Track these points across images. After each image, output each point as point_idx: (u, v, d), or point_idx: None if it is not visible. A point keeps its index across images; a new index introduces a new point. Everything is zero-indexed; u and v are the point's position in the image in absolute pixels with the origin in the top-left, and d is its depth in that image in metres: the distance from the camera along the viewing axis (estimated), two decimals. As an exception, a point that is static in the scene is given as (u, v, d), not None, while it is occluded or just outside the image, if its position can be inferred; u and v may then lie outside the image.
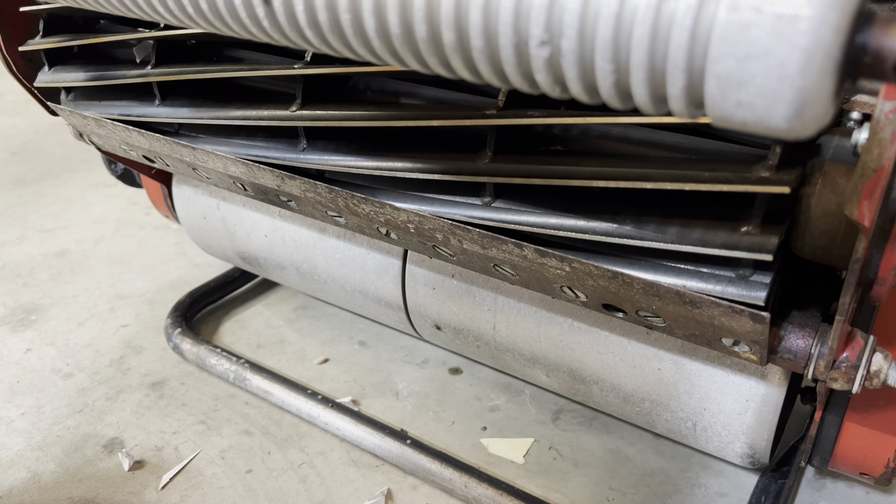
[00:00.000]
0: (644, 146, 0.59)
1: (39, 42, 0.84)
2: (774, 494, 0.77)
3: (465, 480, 0.81)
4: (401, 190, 0.67)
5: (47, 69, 0.87)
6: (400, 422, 0.95)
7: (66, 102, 0.88)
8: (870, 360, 0.56)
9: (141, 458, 0.89)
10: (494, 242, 0.59)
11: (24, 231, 1.46)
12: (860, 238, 0.46)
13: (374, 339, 1.12)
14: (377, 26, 0.39)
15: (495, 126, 0.60)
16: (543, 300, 0.78)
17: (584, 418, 0.96)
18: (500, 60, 0.37)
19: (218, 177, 0.80)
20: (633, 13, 0.32)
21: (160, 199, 1.12)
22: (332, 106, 0.68)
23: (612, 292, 0.57)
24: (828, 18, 0.28)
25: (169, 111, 0.78)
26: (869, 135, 0.40)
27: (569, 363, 0.80)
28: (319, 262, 0.95)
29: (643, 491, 0.85)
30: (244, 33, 0.48)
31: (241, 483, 0.86)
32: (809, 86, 0.30)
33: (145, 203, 1.55)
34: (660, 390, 0.74)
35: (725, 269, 0.54)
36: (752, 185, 0.47)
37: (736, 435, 0.72)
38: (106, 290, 1.26)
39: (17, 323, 1.17)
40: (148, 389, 1.02)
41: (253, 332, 1.15)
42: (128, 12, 0.55)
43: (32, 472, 0.88)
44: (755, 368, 0.68)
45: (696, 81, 0.32)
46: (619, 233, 0.55)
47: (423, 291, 0.87)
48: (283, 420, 0.96)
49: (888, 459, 0.69)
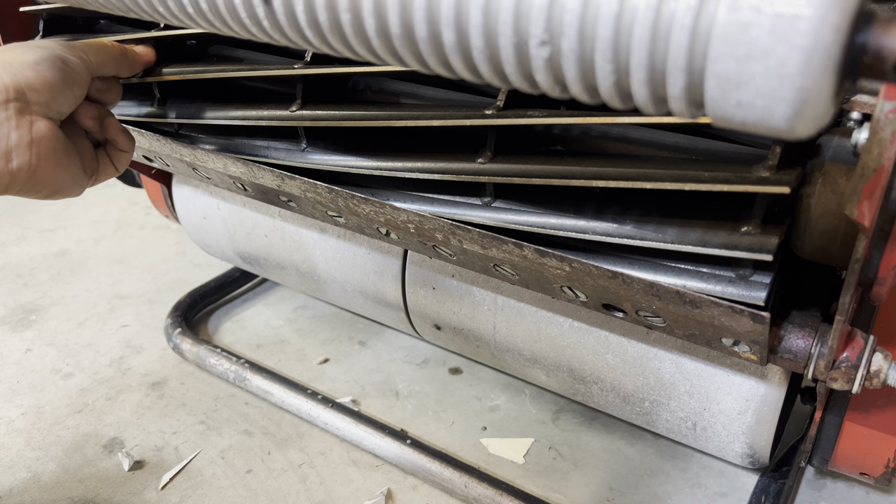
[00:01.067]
0: (644, 146, 0.59)
1: (39, 42, 0.84)
2: (774, 494, 0.77)
3: (465, 480, 0.81)
4: (401, 190, 0.67)
5: (47, 69, 0.87)
6: (400, 422, 0.95)
7: (66, 102, 0.88)
8: (870, 360, 0.56)
9: (141, 458, 0.89)
10: (494, 242, 0.59)
11: (24, 231, 1.46)
12: (860, 238, 0.46)
13: (374, 339, 1.12)
14: (377, 26, 0.39)
15: (495, 126, 0.60)
16: (543, 300, 0.78)
17: (584, 418, 0.96)
18: (500, 60, 0.37)
19: (218, 177, 0.80)
20: (633, 13, 0.32)
21: (160, 199, 1.12)
22: (332, 106, 0.68)
23: (612, 292, 0.57)
24: (828, 18, 0.28)
25: (169, 111, 0.78)
26: (869, 135, 0.40)
27: (569, 363, 0.80)
28: (319, 262, 0.95)
29: (643, 491, 0.85)
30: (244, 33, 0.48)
31: (241, 483, 0.86)
32: (809, 86, 0.30)
33: (145, 203, 1.55)
34: (660, 390, 0.74)
35: (725, 270, 0.54)
36: (752, 185, 0.47)
37: (736, 435, 0.72)
38: (106, 290, 1.26)
39: (17, 323, 1.17)
40: (148, 389, 1.02)
41: (253, 332, 1.15)
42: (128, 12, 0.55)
43: (32, 472, 0.88)
44: (755, 368, 0.68)
45: (696, 81, 0.32)
46: (619, 233, 0.55)
47: (423, 291, 0.87)
48: (283, 420, 0.96)
49: (888, 459, 0.69)
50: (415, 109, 0.64)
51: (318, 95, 0.70)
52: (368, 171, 0.66)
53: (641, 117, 0.52)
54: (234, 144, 0.76)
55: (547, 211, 0.60)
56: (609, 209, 0.57)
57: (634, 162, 0.56)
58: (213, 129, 0.79)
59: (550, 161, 0.58)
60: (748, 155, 0.54)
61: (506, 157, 0.60)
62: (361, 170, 0.67)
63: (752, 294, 0.52)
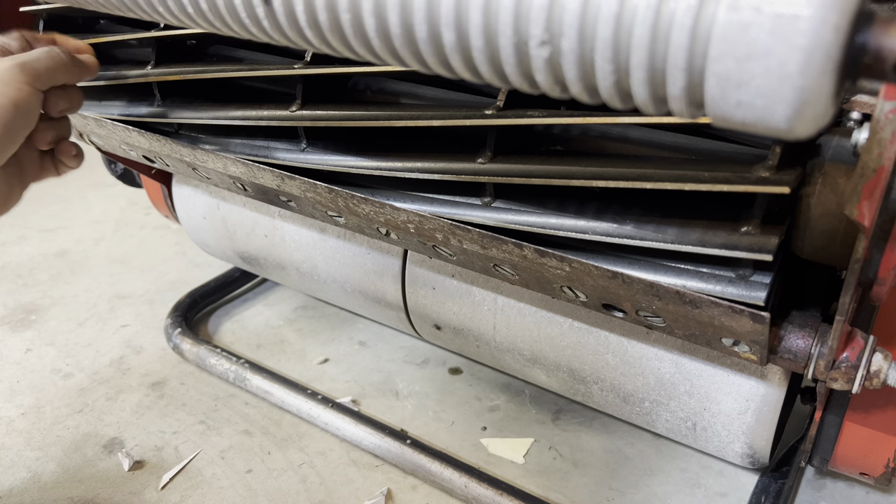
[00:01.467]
0: (644, 146, 0.59)
1: (39, 42, 0.84)
2: (774, 494, 0.77)
3: (465, 480, 0.81)
4: (401, 190, 0.67)
5: (47, 69, 0.87)
6: (400, 422, 0.95)
7: (66, 102, 0.88)
8: (870, 360, 0.56)
9: (141, 458, 0.89)
10: (494, 242, 0.59)
11: (24, 231, 1.46)
12: (860, 238, 0.46)
13: (374, 339, 1.12)
14: (377, 26, 0.39)
15: (495, 126, 0.60)
16: (543, 300, 0.78)
17: (584, 418, 0.96)
18: (500, 60, 0.37)
19: (218, 177, 0.80)
20: (633, 13, 0.32)
21: (160, 199, 1.12)
22: (332, 106, 0.68)
23: (612, 292, 0.57)
24: (828, 18, 0.28)
25: (169, 111, 0.78)
26: (869, 135, 0.41)
27: (569, 363, 0.80)
28: (319, 262, 0.95)
29: (643, 491, 0.85)
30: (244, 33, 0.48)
31: (241, 483, 0.86)
32: (809, 86, 0.30)
33: (145, 203, 1.55)
34: (660, 390, 0.74)
35: (725, 270, 0.54)
36: (752, 185, 0.47)
37: (736, 435, 0.72)
38: (106, 290, 1.26)
39: (17, 323, 1.17)
40: (148, 389, 1.02)
41: (253, 332, 1.15)
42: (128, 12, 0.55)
43: (32, 472, 0.88)
44: (755, 368, 0.68)
45: (696, 81, 0.32)
46: (619, 233, 0.55)
47: (423, 291, 0.87)
48: (283, 420, 0.96)
49: (888, 459, 0.69)
50: (415, 109, 0.64)
51: (318, 95, 0.70)
52: (368, 171, 0.66)
53: (641, 117, 0.52)
54: (234, 144, 0.76)
55: (547, 211, 0.60)
56: (609, 209, 0.57)
57: (634, 162, 0.56)
58: (213, 129, 0.79)
59: (550, 161, 0.58)
60: (748, 155, 0.54)
61: (506, 157, 0.60)
62: (361, 170, 0.67)
63: (752, 294, 0.52)
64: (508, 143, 0.61)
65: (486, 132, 0.60)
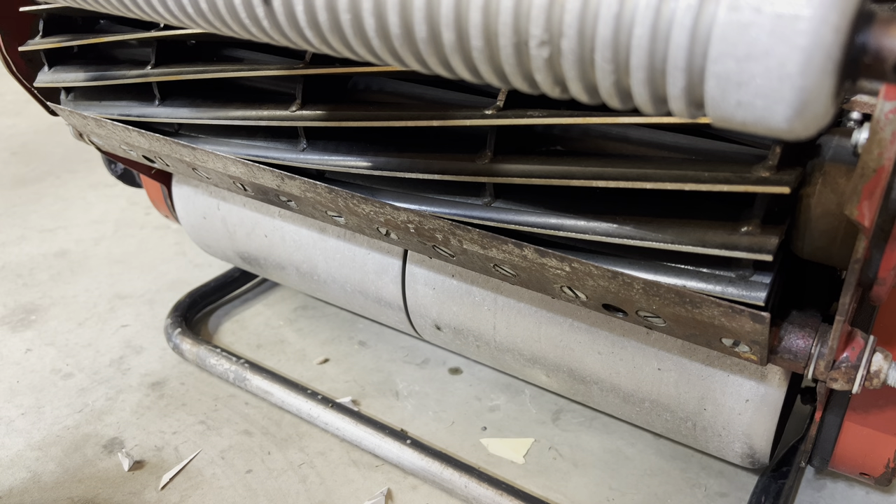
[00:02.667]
0: (644, 146, 0.59)
1: (39, 42, 0.84)
2: (774, 494, 0.77)
3: (465, 480, 0.81)
4: (401, 190, 0.67)
5: (47, 69, 0.87)
6: (400, 422, 0.95)
7: (65, 102, 0.88)
8: (870, 360, 0.56)
9: (141, 458, 0.89)
10: (494, 242, 0.59)
11: (24, 231, 1.46)
12: (860, 238, 0.46)
13: (374, 339, 1.12)
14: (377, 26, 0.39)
15: (495, 126, 0.60)
16: (543, 300, 0.78)
17: (584, 418, 0.96)
18: (500, 60, 0.37)
19: (218, 177, 0.80)
20: (633, 13, 0.32)
21: (160, 199, 1.12)
22: (332, 106, 0.68)
23: (613, 292, 0.57)
24: (828, 18, 0.28)
25: (169, 111, 0.78)
26: (869, 135, 0.40)
27: (569, 363, 0.80)
28: (319, 262, 0.95)
29: (643, 491, 0.85)
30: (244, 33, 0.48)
31: (241, 483, 0.86)
32: (809, 86, 0.30)
33: (145, 203, 1.55)
34: (660, 390, 0.74)
35: (725, 270, 0.54)
36: (752, 185, 0.47)
37: (736, 435, 0.72)
38: (106, 290, 1.26)
39: (17, 323, 1.17)
40: (148, 389, 1.02)
41: (253, 332, 1.15)
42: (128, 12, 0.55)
43: (32, 472, 0.88)
44: (755, 368, 0.68)
45: (696, 81, 0.32)
46: (619, 233, 0.55)
47: (423, 291, 0.87)
48: (283, 420, 0.96)
49: (888, 459, 0.69)
50: (415, 109, 0.64)
51: (318, 95, 0.70)
52: (368, 171, 0.66)
53: (641, 117, 0.52)
54: (233, 144, 0.76)
55: (547, 211, 0.60)
56: (609, 209, 0.57)
57: (634, 162, 0.55)
58: (213, 129, 0.79)
59: (550, 161, 0.58)
60: (748, 155, 0.54)
61: (506, 157, 0.60)
62: (361, 170, 0.67)
63: (752, 294, 0.52)
64: (508, 143, 0.61)
65: (486, 132, 0.60)
